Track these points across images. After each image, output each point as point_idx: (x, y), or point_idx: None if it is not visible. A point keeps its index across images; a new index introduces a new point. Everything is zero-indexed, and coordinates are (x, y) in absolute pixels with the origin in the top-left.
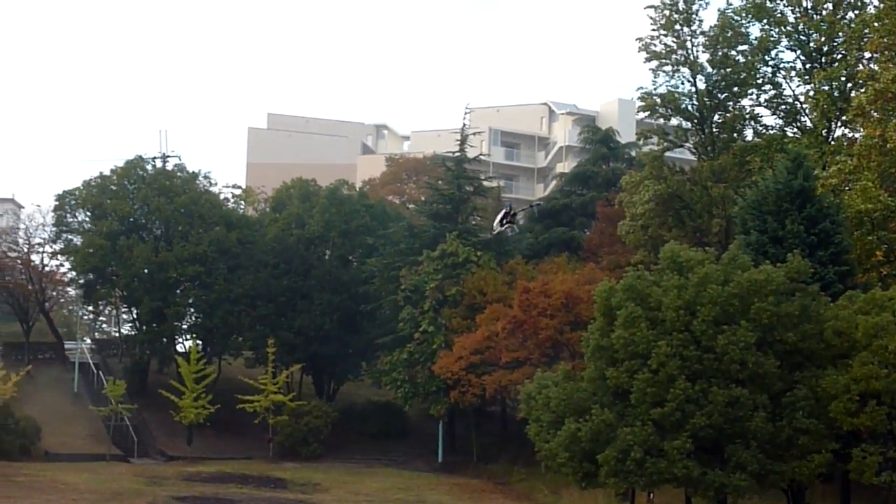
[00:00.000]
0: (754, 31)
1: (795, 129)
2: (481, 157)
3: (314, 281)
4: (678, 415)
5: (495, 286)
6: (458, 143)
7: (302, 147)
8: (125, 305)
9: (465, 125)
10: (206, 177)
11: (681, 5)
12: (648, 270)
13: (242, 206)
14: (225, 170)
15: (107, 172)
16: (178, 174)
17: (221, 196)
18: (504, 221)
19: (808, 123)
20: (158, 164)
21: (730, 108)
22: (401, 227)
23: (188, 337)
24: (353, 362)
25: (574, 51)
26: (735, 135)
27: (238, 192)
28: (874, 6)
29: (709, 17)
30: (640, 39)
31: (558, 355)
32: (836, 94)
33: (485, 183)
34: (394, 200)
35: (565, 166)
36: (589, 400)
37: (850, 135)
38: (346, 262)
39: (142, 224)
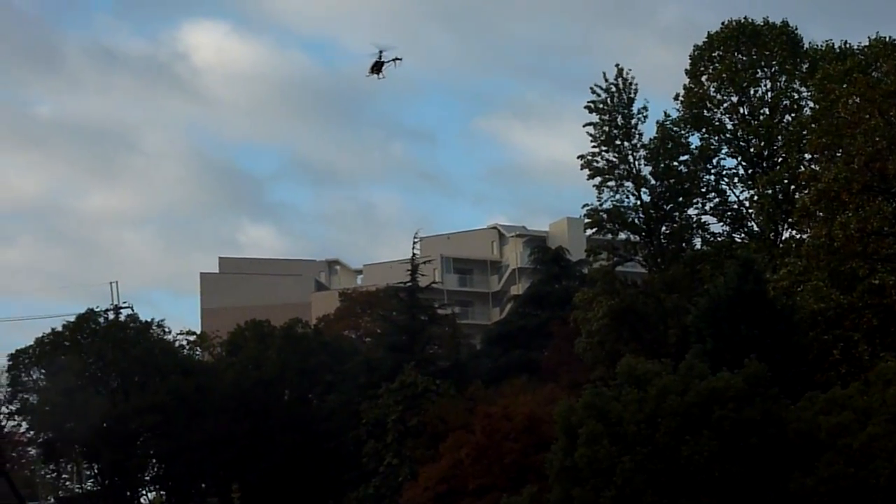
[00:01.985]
0: (694, 140)
1: (743, 235)
2: (434, 285)
3: (275, 422)
4: None
5: (456, 413)
6: (410, 273)
7: (255, 289)
8: (86, 461)
9: (415, 255)
10: (159, 325)
11: (619, 120)
12: (607, 386)
13: (198, 352)
14: (179, 317)
15: (59, 328)
16: (132, 325)
17: (176, 343)
18: (373, 70)
19: (755, 228)
20: (111, 316)
21: (676, 219)
22: (358, 361)
23: (151, 488)
24: (321, 500)
25: (521, 171)
26: (684, 244)
27: (193, 338)
28: (810, 108)
29: (648, 130)
30: (582, 157)
31: (525, 479)
32: (779, 197)
33: (439, 311)
34: (350, 335)
35: (519, 288)
36: None
37: (798, 236)
38: (306, 401)
39: (97, 377)
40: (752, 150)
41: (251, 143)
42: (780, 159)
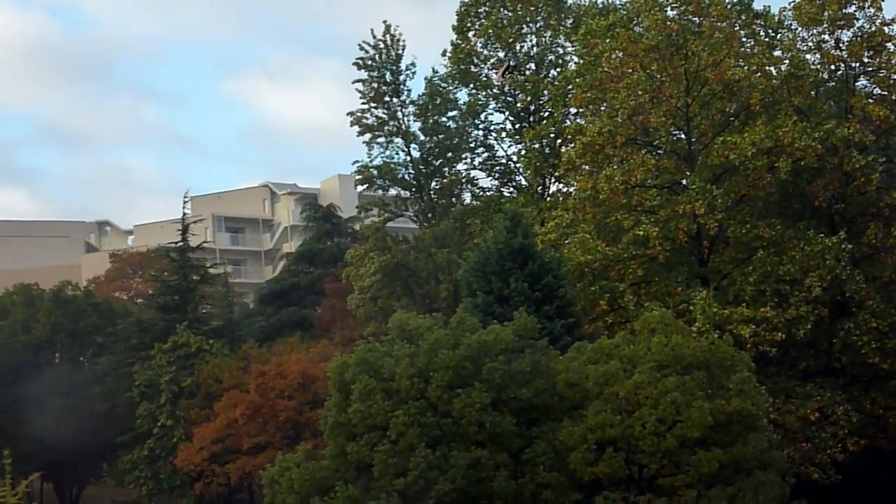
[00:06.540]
0: (462, 96)
1: (511, 189)
2: (206, 244)
3: (45, 386)
4: (421, 482)
5: (230, 373)
6: (181, 232)
7: (23, 251)
8: None
9: (185, 214)
10: None
11: (388, 77)
12: (380, 342)
13: None
14: None
15: None
16: None
17: None
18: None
19: (523, 182)
20: None
21: (446, 174)
22: (130, 322)
23: None
24: (94, 464)
25: (275, 131)
26: (454, 199)
27: None
28: (574, 63)
29: (417, 86)
30: (352, 114)
31: (300, 436)
32: (546, 151)
33: (211, 270)
34: (121, 297)
35: (291, 246)
36: (332, 477)
37: (564, 189)
38: (78, 364)
39: None
40: (518, 105)
41: None
42: (546, 114)
